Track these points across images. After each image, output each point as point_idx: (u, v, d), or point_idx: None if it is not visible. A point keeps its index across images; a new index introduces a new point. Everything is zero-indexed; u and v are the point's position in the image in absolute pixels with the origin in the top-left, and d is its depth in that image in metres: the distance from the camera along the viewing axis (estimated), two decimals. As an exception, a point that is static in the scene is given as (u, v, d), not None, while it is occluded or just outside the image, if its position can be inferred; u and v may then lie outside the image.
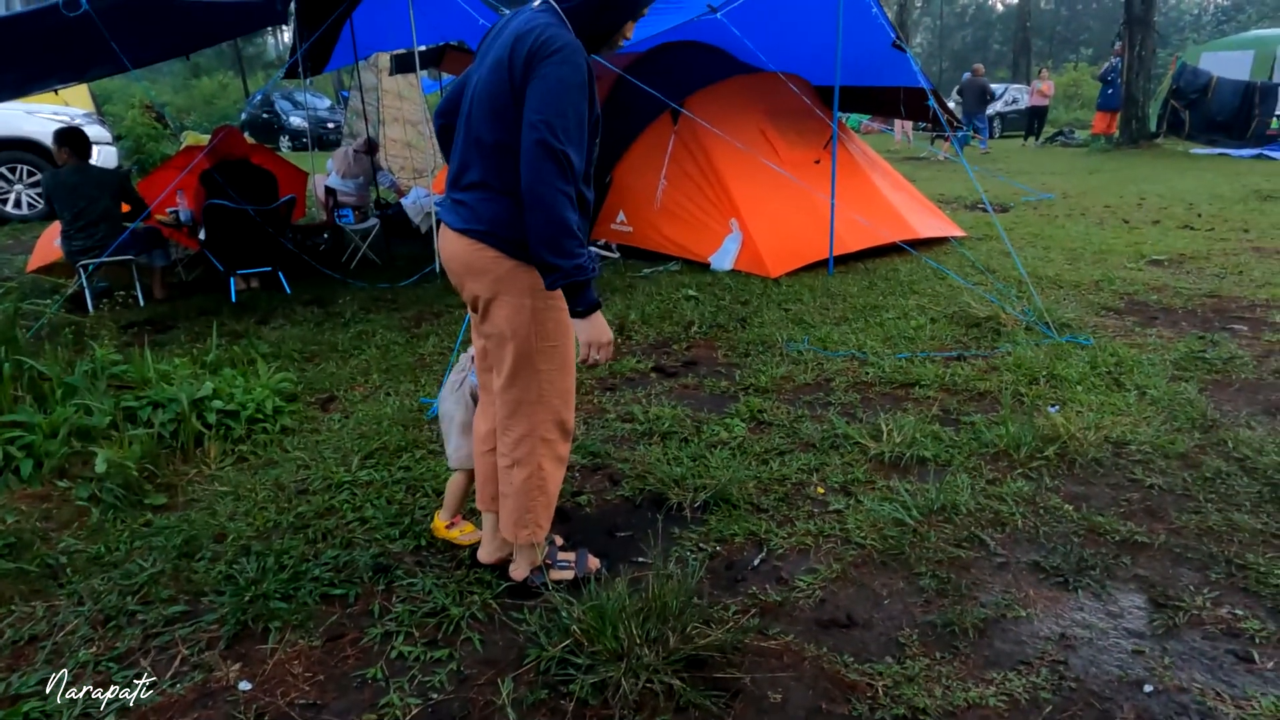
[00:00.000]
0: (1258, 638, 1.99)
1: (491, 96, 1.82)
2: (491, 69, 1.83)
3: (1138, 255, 6.02)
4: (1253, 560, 2.29)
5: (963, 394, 3.54)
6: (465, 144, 1.93)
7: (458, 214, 1.94)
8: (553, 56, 1.72)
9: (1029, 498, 2.66)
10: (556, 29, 1.77)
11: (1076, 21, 43.83)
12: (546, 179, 1.72)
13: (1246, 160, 13.46)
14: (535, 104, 1.72)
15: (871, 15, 5.35)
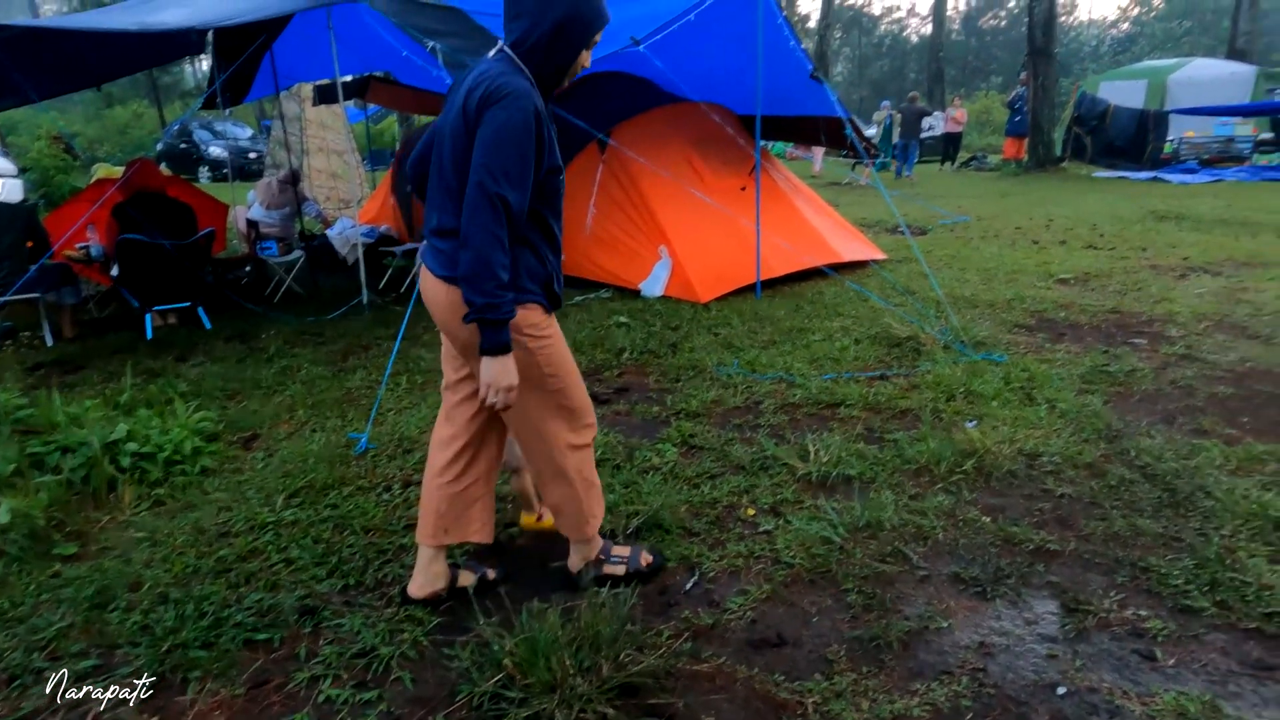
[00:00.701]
0: (1159, 636, 2.11)
1: (455, 145, 1.90)
2: (455, 118, 1.90)
3: (1046, 274, 6.32)
4: (1154, 563, 2.42)
5: (886, 412, 3.66)
6: (439, 191, 1.99)
7: (438, 260, 2.00)
8: (499, 103, 1.80)
9: (949, 511, 2.76)
10: (507, 76, 1.84)
11: (986, 52, 46.01)
12: (479, 220, 1.79)
13: (1144, 183, 14.29)
14: (479, 149, 1.81)
15: (789, 48, 5.53)
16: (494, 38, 4.82)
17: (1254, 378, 3.94)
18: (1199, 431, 3.35)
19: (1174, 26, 38.80)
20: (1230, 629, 2.14)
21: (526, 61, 1.91)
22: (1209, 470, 2.98)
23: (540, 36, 1.88)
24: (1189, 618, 2.18)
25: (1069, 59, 39.89)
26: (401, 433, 3.52)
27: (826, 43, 27.74)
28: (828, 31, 27.79)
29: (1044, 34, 15.82)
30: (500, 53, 1.93)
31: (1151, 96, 19.01)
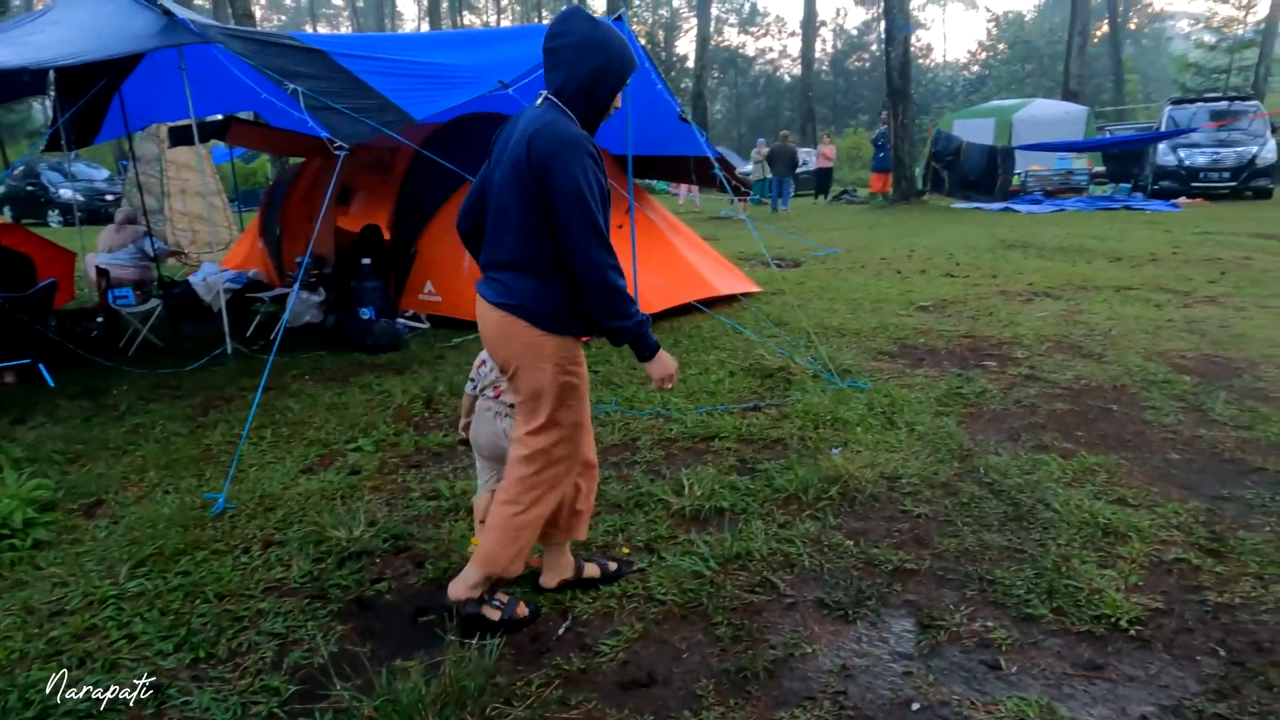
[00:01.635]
0: (1004, 645, 2.23)
1: (516, 190, 2.06)
2: (511, 168, 2.07)
3: (908, 302, 6.70)
4: (1000, 575, 2.58)
5: (758, 443, 3.76)
6: (496, 229, 2.17)
7: (493, 289, 2.17)
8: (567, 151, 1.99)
9: (815, 537, 2.86)
10: (562, 123, 2.04)
11: (853, 91, 48.69)
12: (593, 260, 2.02)
13: (996, 213, 15.40)
14: (564, 197, 1.99)
15: (657, 91, 5.71)
16: (359, 80, 4.76)
17: (1087, 394, 4.28)
18: (1040, 447, 3.61)
19: (1017, 69, 42.23)
20: (1065, 633, 2.29)
21: (570, 106, 2.09)
22: (1048, 483, 3.21)
23: (579, 84, 2.08)
24: (1030, 625, 2.33)
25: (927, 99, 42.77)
26: (264, 489, 3.36)
27: (703, 82, 28.73)
28: (704, 72, 28.79)
29: (900, 76, 16.91)
30: (546, 100, 2.11)
31: (999, 133, 20.59)
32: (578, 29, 2.08)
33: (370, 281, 6.21)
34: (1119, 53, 37.66)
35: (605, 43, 2.08)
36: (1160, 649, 2.21)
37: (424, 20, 50.42)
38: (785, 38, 51.75)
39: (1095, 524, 2.86)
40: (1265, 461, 3.39)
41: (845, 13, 50.39)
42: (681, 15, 50.94)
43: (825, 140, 21.45)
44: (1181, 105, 19.37)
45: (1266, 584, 2.49)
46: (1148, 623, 2.32)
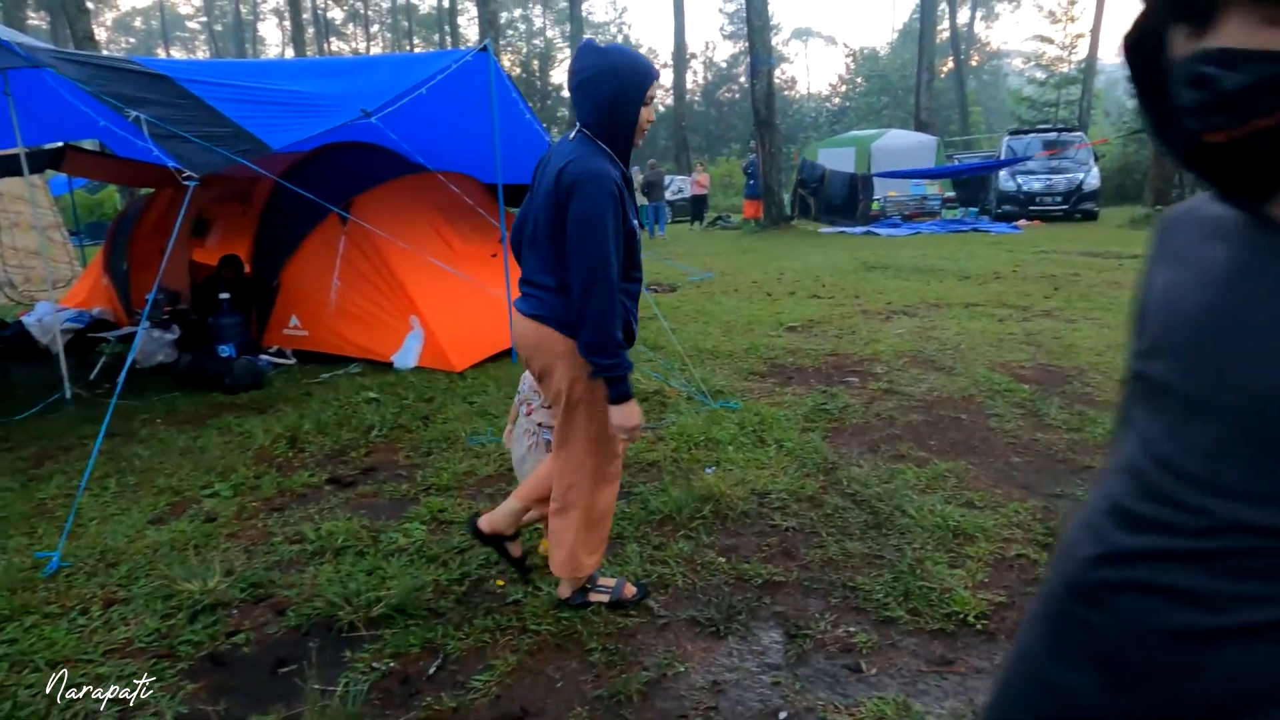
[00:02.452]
0: (865, 649, 2.34)
1: (549, 218, 2.24)
2: (545, 197, 2.24)
3: (778, 323, 6.96)
4: (861, 581, 2.70)
5: (634, 466, 3.80)
6: (532, 250, 2.36)
7: (529, 303, 2.36)
8: (585, 187, 2.14)
9: (689, 557, 2.91)
10: (589, 159, 2.19)
11: (724, 121, 50.37)
12: (595, 296, 2.15)
13: (859, 236, 16.24)
14: (577, 232, 2.16)
15: (526, 121, 5.74)
16: (209, 107, 4.55)
17: (940, 404, 4.56)
18: (897, 457, 3.81)
19: (874, 101, 44.83)
20: (920, 632, 2.42)
21: (599, 135, 2.24)
22: (904, 491, 3.39)
23: (602, 112, 2.22)
24: (888, 627, 2.45)
25: (794, 128, 44.76)
26: (106, 543, 3.12)
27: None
28: (579, 101, 29.09)
29: (766, 108, 17.66)
30: (579, 133, 2.28)
31: (859, 161, 21.77)
32: (589, 62, 2.23)
33: (229, 317, 5.91)
34: (963, 87, 40.73)
35: (615, 68, 2.21)
36: (1004, 640, 2.37)
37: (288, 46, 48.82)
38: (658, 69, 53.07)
39: (946, 527, 3.04)
40: (1092, 460, 3.71)
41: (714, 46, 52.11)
42: (556, 45, 51.45)
43: (699, 168, 22.08)
44: (1018, 135, 21.10)
45: (1093, 572, 2.72)
46: (992, 616, 2.49)
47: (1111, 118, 34.69)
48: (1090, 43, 33.17)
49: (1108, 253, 11.48)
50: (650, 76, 2.28)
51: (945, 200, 20.41)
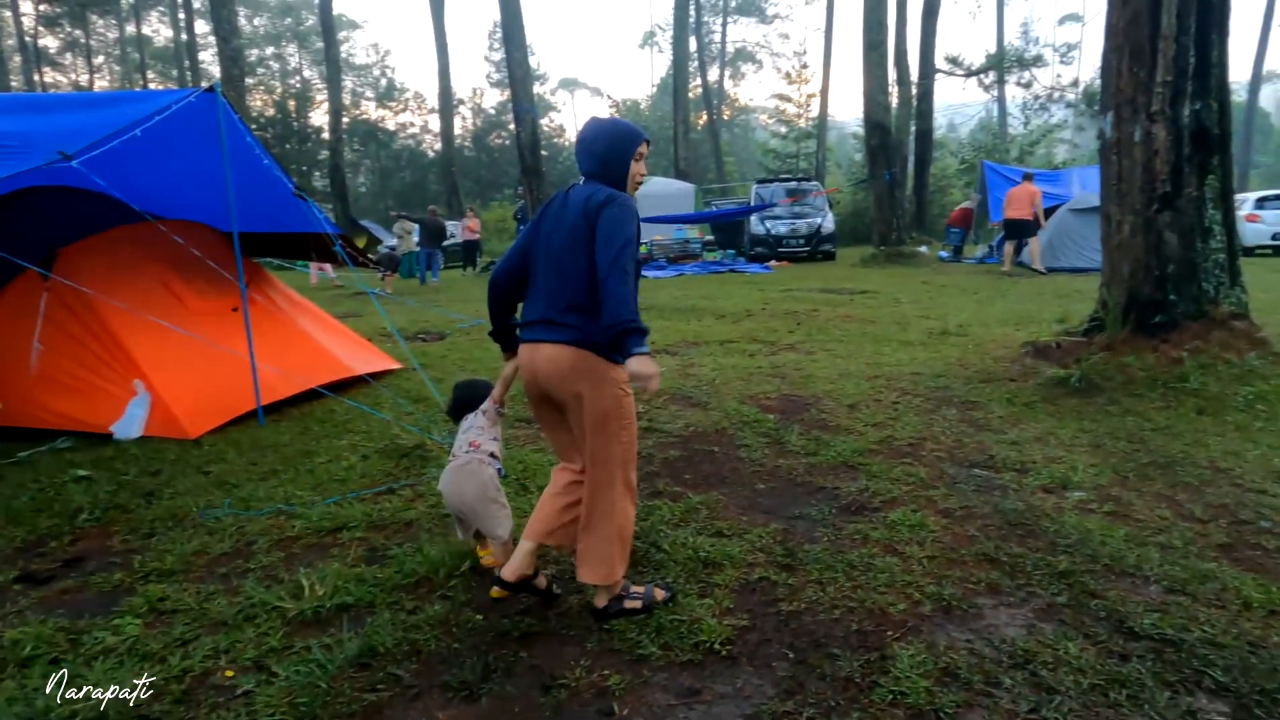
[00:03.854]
0: (618, 690, 2.37)
1: (578, 247, 2.58)
2: (571, 230, 2.60)
3: (546, 368, 7.00)
4: (615, 622, 2.74)
5: (390, 528, 3.63)
6: (555, 281, 2.63)
7: (564, 333, 2.59)
8: (614, 205, 2.56)
9: (444, 619, 2.81)
10: (608, 190, 2.61)
11: (496, 166, 50.61)
12: (620, 279, 2.45)
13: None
14: (609, 235, 2.51)
15: (264, 167, 5.39)
16: None
17: (695, 439, 4.80)
18: (655, 493, 3.95)
19: (638, 150, 47.20)
20: (670, 666, 2.50)
21: (602, 182, 2.68)
22: (660, 526, 3.52)
23: (598, 163, 2.69)
24: (641, 665, 2.50)
25: (565, 174, 45.88)
26: None
27: (340, 155, 27.87)
28: (340, 144, 27.95)
29: (532, 155, 17.97)
30: (587, 181, 2.70)
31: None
32: (590, 128, 2.74)
33: (-109, 392, 4.95)
34: (717, 139, 43.98)
35: (607, 131, 2.71)
36: (745, 663, 2.51)
37: (-13, 75, 42.53)
38: (425, 114, 52.24)
39: (697, 558, 3.19)
40: (825, 481, 4.07)
41: (482, 92, 52.24)
42: (314, 85, 49.17)
43: (470, 213, 21.91)
44: (765, 184, 23.11)
45: (824, 587, 2.96)
46: (736, 641, 2.62)
47: (843, 169, 39.03)
48: (821, 102, 37.19)
49: (843, 289, 12.80)
50: (638, 137, 2.73)
51: (705, 244, 21.80)
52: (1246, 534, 3.34)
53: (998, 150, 29.66)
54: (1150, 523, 3.45)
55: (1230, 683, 2.33)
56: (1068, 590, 2.88)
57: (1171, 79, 5.48)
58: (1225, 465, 4.10)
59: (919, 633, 2.64)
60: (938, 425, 4.95)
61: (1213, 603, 2.79)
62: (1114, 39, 5.81)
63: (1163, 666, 2.42)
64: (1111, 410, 5.05)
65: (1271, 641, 2.54)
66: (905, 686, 2.33)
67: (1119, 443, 4.49)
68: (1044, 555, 3.16)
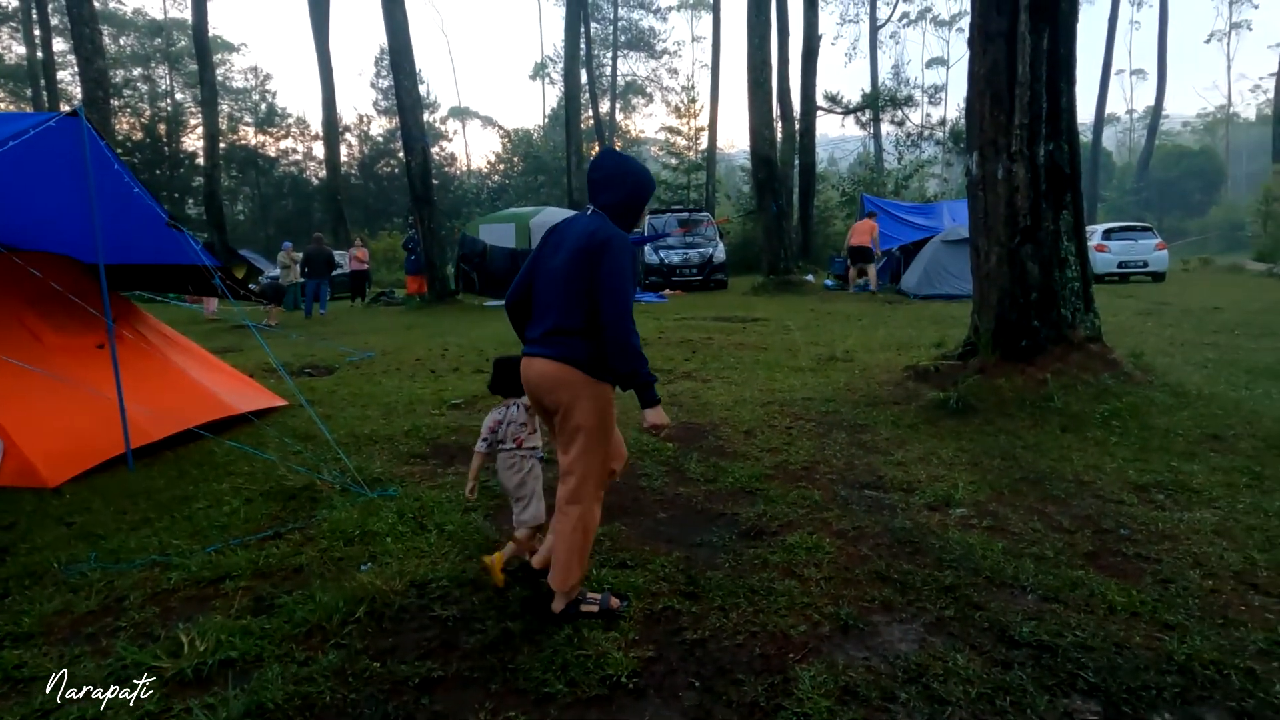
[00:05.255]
0: (524, 732, 2.32)
1: (572, 272, 2.77)
2: (572, 254, 2.78)
3: (441, 401, 6.86)
4: (521, 661, 2.69)
5: (278, 575, 3.44)
6: (551, 304, 2.85)
7: (551, 348, 2.82)
8: (616, 248, 2.75)
9: (339, 668, 2.68)
10: (609, 228, 2.80)
11: (385, 195, 49.42)
12: (624, 327, 2.70)
13: (523, 309, 16.74)
14: (610, 281, 2.71)
15: (134, 194, 5.08)
16: None
17: (596, 470, 4.79)
18: (557, 527, 3.91)
19: (532, 180, 47.17)
20: (577, 703, 2.47)
21: (612, 215, 2.88)
22: (563, 560, 3.48)
23: (619, 204, 2.90)
24: (547, 704, 2.46)
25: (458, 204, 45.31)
26: None
27: (216, 181, 26.60)
28: (216, 170, 26.69)
29: (422, 184, 17.67)
30: (596, 212, 2.88)
31: (520, 237, 22.61)
32: (608, 165, 2.92)
33: None
34: (609, 170, 44.35)
35: (632, 174, 2.91)
36: (653, 694, 2.51)
37: None
38: (310, 140, 50.57)
39: (601, 590, 3.16)
40: (724, 507, 4.13)
41: (370, 119, 51.03)
42: (188, 109, 46.86)
43: (358, 242, 21.28)
44: (658, 214, 23.48)
45: (727, 613, 3.00)
46: (643, 672, 2.62)
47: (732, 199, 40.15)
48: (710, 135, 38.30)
49: (735, 317, 13.13)
50: (652, 187, 3.00)
51: (600, 273, 21.91)
52: (1109, 542, 3.61)
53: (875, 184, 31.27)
54: (1025, 535, 3.68)
55: (1100, 683, 2.50)
56: (954, 604, 3.03)
57: (1028, 122, 5.95)
58: (1087, 478, 4.43)
59: (819, 653, 2.71)
60: (829, 448, 5.13)
61: (1082, 608, 2.99)
62: (976, 85, 6.27)
63: (1041, 671, 2.57)
64: (987, 430, 5.37)
65: (1135, 642, 2.74)
66: (808, 708, 2.39)
67: (994, 460, 4.78)
68: (931, 571, 3.31)
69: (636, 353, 2.72)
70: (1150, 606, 2.99)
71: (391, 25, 17.48)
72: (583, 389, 2.80)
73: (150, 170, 39.09)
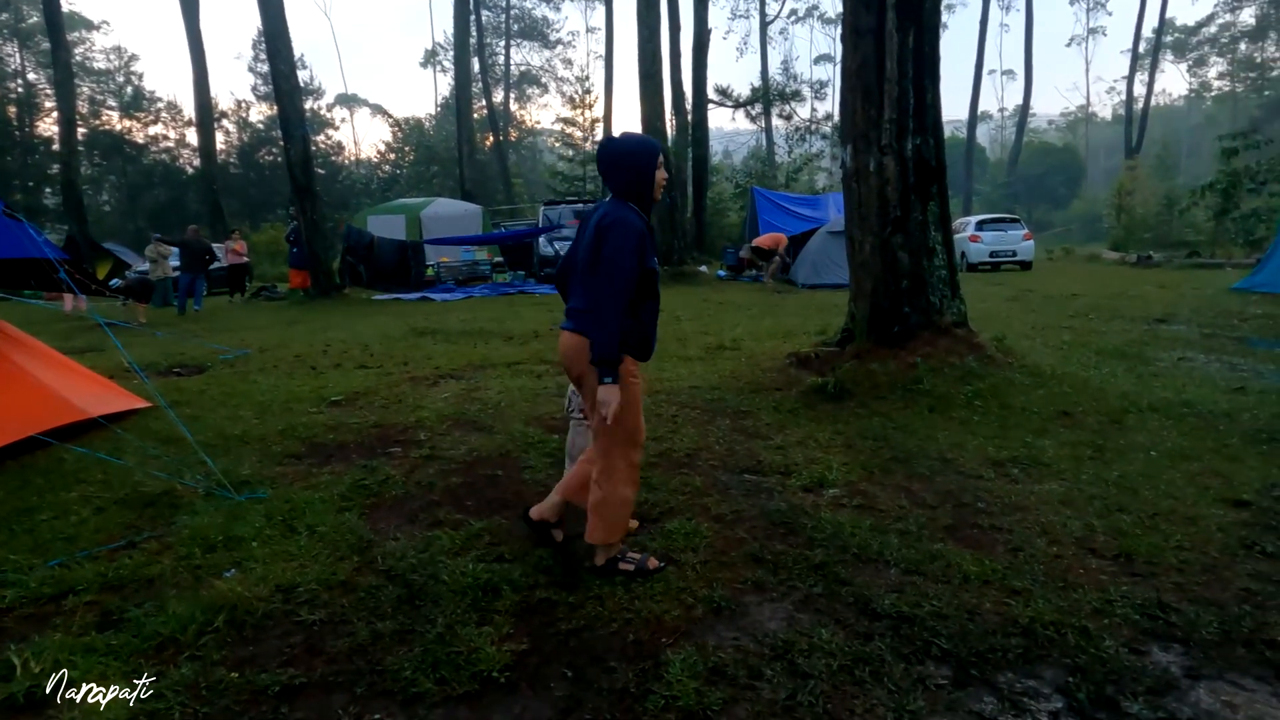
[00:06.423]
0: (389, 735, 2.26)
1: (588, 254, 3.04)
2: (588, 240, 3.05)
3: (320, 399, 6.60)
4: (390, 662, 2.62)
5: (130, 587, 3.23)
6: (576, 282, 3.16)
7: (575, 321, 3.12)
8: (613, 233, 2.96)
9: (193, 682, 2.53)
10: (620, 212, 3.01)
11: (267, 185, 47.07)
12: (608, 306, 2.91)
13: (414, 302, 16.35)
14: (604, 263, 2.94)
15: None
16: None
17: (479, 464, 4.72)
18: (435, 523, 3.83)
19: (423, 170, 45.97)
20: (448, 700, 2.42)
21: (627, 198, 3.09)
22: (440, 557, 3.41)
23: (625, 185, 3.09)
24: (415, 704, 2.40)
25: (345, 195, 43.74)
26: None
27: (74, 169, 24.73)
28: (73, 158, 24.80)
29: (304, 173, 16.95)
30: (612, 198, 3.11)
31: (410, 228, 22.05)
32: (604, 155, 3.14)
33: None
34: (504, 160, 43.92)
35: (626, 154, 3.09)
36: (524, 687, 2.49)
37: None
38: (182, 126, 47.61)
39: (478, 586, 3.12)
40: (607, 497, 4.14)
41: (249, 105, 48.45)
42: (41, 90, 43.33)
43: (235, 235, 20.20)
44: (552, 205, 23.36)
45: (603, 602, 3.01)
46: (515, 666, 2.60)
47: (628, 192, 40.27)
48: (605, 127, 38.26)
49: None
50: (656, 150, 3.14)
51: (495, 265, 21.63)
52: (967, 515, 3.81)
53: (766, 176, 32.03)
54: (891, 512, 3.85)
55: (952, 649, 2.64)
56: (822, 581, 3.14)
57: (896, 117, 6.20)
58: (951, 456, 4.67)
59: (691, 636, 2.75)
60: (712, 435, 5.22)
61: (940, 579, 3.15)
62: (849, 80, 6.49)
63: (899, 641, 2.69)
64: (861, 413, 5.58)
65: (985, 608, 2.91)
66: (677, 690, 2.42)
67: (867, 441, 4.98)
68: (802, 550, 3.42)
69: (612, 332, 2.90)
70: (1000, 574, 3.18)
71: (265, 5, 16.64)
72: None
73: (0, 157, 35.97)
